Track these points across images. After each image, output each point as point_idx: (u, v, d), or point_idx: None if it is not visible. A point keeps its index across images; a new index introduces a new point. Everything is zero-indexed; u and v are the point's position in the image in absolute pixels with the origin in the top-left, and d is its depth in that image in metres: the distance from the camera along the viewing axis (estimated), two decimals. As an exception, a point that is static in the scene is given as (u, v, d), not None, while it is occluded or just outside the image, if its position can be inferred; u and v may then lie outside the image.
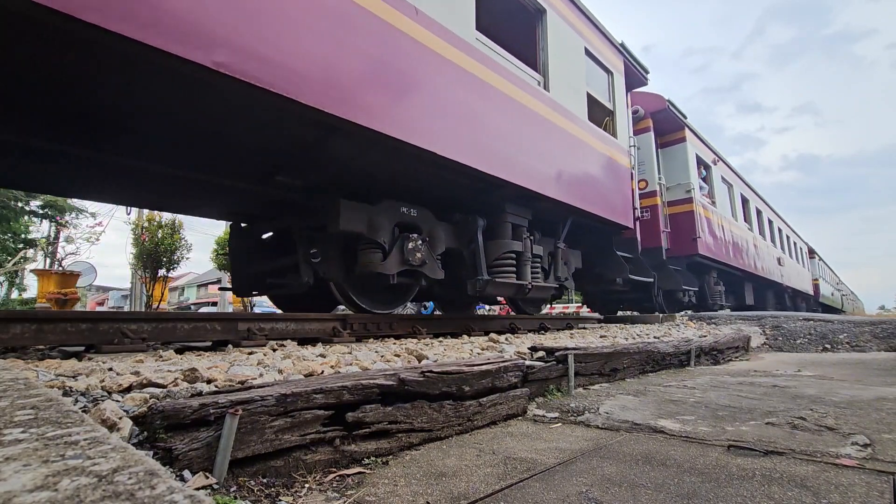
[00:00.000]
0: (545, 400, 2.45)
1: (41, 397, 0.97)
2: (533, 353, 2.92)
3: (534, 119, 5.10)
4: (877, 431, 1.83)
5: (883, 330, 6.39)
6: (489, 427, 1.96)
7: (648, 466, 1.46)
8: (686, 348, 4.07)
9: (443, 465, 1.47)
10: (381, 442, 1.57)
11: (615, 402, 2.41)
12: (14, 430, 0.73)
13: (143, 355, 2.54)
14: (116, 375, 1.70)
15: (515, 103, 4.83)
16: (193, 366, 1.80)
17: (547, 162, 5.23)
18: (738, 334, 5.62)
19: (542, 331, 5.94)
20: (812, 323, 6.93)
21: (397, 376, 1.69)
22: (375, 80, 3.39)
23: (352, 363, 2.36)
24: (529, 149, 4.95)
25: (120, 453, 0.66)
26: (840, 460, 1.50)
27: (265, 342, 3.36)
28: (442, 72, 3.97)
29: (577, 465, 1.49)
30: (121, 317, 3.06)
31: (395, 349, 3.13)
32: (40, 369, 1.78)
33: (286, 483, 1.30)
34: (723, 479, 1.34)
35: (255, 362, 2.24)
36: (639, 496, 1.23)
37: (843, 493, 1.23)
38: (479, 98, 4.35)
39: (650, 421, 2.01)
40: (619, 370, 3.21)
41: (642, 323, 7.52)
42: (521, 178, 4.73)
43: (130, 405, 1.37)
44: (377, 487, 1.29)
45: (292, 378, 1.83)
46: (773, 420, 2.01)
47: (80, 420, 0.82)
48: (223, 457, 1.20)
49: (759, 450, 1.60)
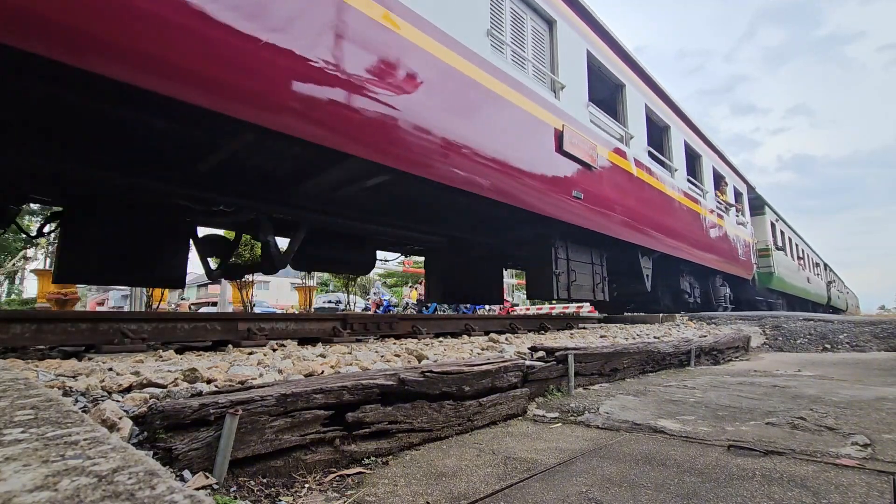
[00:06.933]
0: (545, 400, 2.44)
1: (41, 397, 0.97)
2: (533, 353, 2.92)
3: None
4: (877, 431, 1.83)
5: (883, 330, 6.39)
6: (489, 427, 1.96)
7: (648, 466, 1.46)
8: (686, 348, 4.07)
9: (443, 465, 1.47)
10: (381, 442, 1.57)
11: (615, 402, 2.41)
12: (14, 430, 0.73)
13: (143, 355, 2.54)
14: (116, 375, 1.70)
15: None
16: (193, 366, 1.80)
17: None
18: (738, 334, 5.61)
19: (542, 331, 5.94)
20: (812, 323, 6.93)
21: (397, 376, 1.69)
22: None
23: (352, 363, 2.36)
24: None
25: (120, 453, 0.66)
26: (840, 460, 1.50)
27: (265, 342, 3.36)
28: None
29: (578, 465, 1.49)
30: (121, 317, 3.06)
31: (395, 349, 3.13)
32: (40, 369, 1.78)
33: (286, 483, 1.30)
34: (723, 479, 1.34)
35: (255, 362, 2.24)
36: (639, 496, 1.22)
37: (843, 493, 1.23)
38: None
39: (650, 421, 2.01)
40: (619, 370, 3.21)
41: (642, 323, 7.52)
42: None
43: (130, 405, 1.37)
44: (377, 487, 1.29)
45: (292, 378, 1.83)
46: (773, 420, 2.01)
47: (80, 420, 0.82)
48: (223, 457, 1.20)
49: (759, 450, 1.60)
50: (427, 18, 3.65)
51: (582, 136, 5.53)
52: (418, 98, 3.52)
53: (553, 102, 5.18)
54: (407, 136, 3.45)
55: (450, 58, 3.82)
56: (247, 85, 2.59)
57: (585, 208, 5.56)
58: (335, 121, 3.03)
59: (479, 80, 4.12)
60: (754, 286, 13.19)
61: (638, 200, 6.77)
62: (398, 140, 3.41)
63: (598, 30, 6.28)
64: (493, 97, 4.28)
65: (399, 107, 3.38)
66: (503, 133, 4.41)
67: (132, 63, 2.24)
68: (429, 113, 3.62)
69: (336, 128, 3.05)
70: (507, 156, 4.44)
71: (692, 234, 8.75)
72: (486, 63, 4.20)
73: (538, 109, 4.89)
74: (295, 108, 2.81)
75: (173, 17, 2.30)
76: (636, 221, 6.71)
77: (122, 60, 2.21)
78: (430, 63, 3.65)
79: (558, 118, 5.16)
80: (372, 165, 3.49)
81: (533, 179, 4.81)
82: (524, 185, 4.71)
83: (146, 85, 2.30)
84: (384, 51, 3.30)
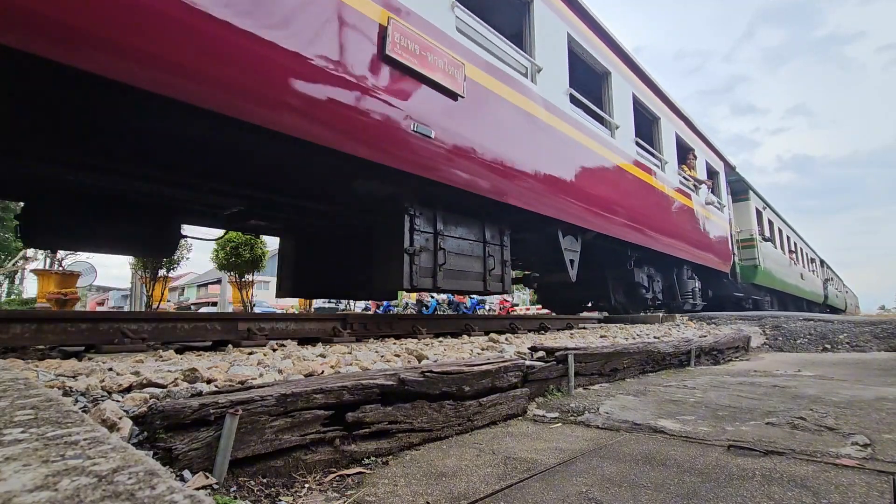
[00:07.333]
0: (545, 400, 2.44)
1: (41, 397, 0.97)
2: (533, 353, 2.92)
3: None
4: (877, 431, 1.83)
5: (883, 330, 6.39)
6: (489, 427, 1.96)
7: (648, 466, 1.46)
8: (686, 348, 4.07)
9: (443, 465, 1.47)
10: (381, 442, 1.57)
11: (615, 401, 2.41)
12: (14, 430, 0.73)
13: (143, 355, 2.54)
14: (116, 375, 1.70)
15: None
16: (193, 366, 1.80)
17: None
18: (738, 334, 5.62)
19: (542, 331, 5.94)
20: (812, 323, 6.93)
21: (397, 376, 1.69)
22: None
23: (352, 363, 2.36)
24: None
25: (120, 453, 0.66)
26: (840, 460, 1.50)
27: (265, 342, 3.36)
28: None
29: (578, 465, 1.49)
30: (121, 317, 3.06)
31: (395, 349, 3.13)
32: (40, 369, 1.78)
33: (286, 483, 1.30)
34: (723, 479, 1.34)
35: (255, 362, 2.24)
36: (639, 496, 1.22)
37: (843, 493, 1.23)
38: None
39: (650, 421, 2.01)
40: (619, 370, 3.21)
41: (642, 323, 7.52)
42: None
43: (130, 405, 1.37)
44: (377, 487, 1.29)
45: (292, 378, 1.83)
46: (773, 420, 2.01)
47: (80, 420, 0.82)
48: (223, 457, 1.20)
49: (759, 450, 1.60)
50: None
51: (431, 44, 3.68)
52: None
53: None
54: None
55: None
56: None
57: (445, 156, 3.83)
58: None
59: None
60: (735, 281, 11.77)
61: (552, 159, 5.04)
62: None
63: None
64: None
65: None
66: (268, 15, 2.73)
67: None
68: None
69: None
70: (276, 60, 2.75)
71: (646, 213, 7.01)
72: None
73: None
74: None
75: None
76: (550, 187, 4.99)
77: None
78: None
79: (382, 7, 3.39)
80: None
81: (336, 104, 3.09)
82: (319, 109, 3.01)
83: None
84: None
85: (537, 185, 4.82)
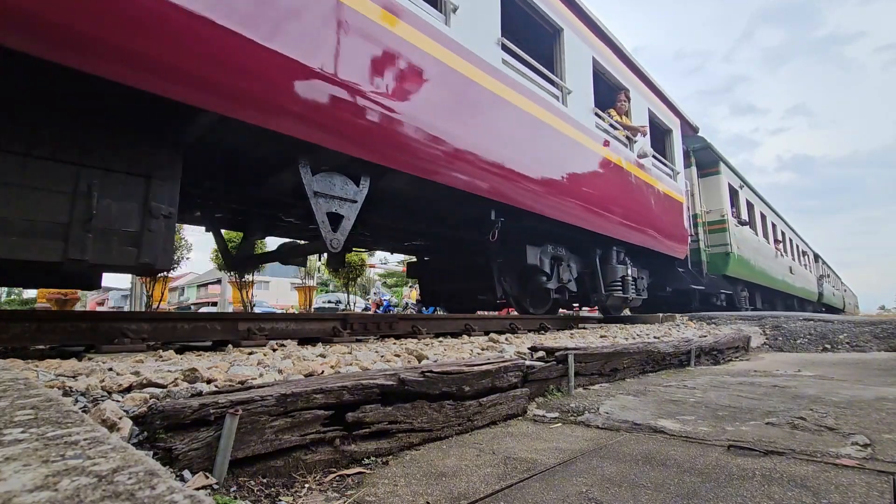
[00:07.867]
0: (545, 400, 2.44)
1: (41, 397, 0.97)
2: (533, 353, 2.92)
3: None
4: (877, 431, 1.83)
5: (883, 330, 6.39)
6: (489, 427, 1.96)
7: (648, 466, 1.46)
8: (686, 348, 4.07)
9: (443, 465, 1.47)
10: (381, 442, 1.57)
11: (615, 401, 2.41)
12: (14, 430, 0.73)
13: (143, 355, 2.54)
14: (116, 375, 1.70)
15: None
16: (193, 366, 1.80)
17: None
18: (738, 334, 5.61)
19: (542, 331, 5.95)
20: (812, 323, 6.93)
21: (397, 376, 1.69)
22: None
23: (352, 363, 2.36)
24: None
25: (120, 453, 0.66)
26: (840, 460, 1.50)
27: (265, 342, 3.36)
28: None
29: (578, 465, 1.49)
30: (121, 317, 3.06)
31: (395, 349, 3.13)
32: (40, 369, 1.78)
33: (286, 483, 1.30)
34: (723, 479, 1.34)
35: (255, 362, 2.24)
36: (639, 496, 1.22)
37: (843, 493, 1.22)
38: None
39: (650, 421, 2.01)
40: (619, 370, 3.21)
41: (642, 323, 7.52)
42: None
43: (130, 405, 1.37)
44: (377, 487, 1.29)
45: (292, 378, 1.83)
46: (773, 420, 2.01)
47: (80, 420, 0.82)
48: (223, 457, 1.20)
49: (759, 450, 1.60)
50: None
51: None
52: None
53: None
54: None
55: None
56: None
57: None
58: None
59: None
60: (699, 271, 9.62)
61: (337, 54, 3.06)
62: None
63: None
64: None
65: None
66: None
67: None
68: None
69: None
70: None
71: (532, 158, 4.90)
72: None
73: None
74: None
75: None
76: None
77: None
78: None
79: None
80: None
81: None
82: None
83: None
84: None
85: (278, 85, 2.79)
